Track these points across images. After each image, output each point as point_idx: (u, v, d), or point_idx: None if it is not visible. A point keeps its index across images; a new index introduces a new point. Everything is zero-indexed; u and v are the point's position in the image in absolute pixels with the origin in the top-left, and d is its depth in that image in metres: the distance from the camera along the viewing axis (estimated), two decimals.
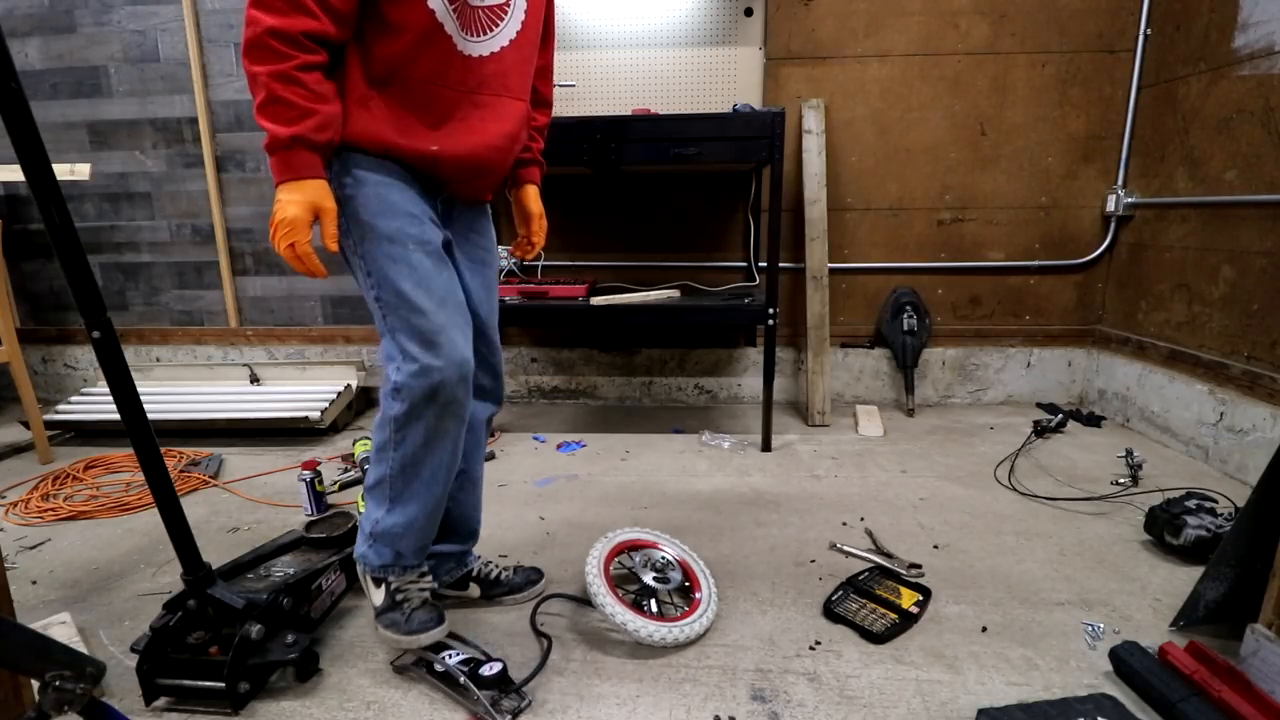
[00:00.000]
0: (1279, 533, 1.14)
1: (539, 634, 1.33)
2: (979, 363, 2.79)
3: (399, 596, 1.24)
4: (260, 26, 0.96)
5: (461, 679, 1.13)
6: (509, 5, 1.16)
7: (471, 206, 1.31)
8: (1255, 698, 1.03)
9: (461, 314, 1.19)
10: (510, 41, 1.17)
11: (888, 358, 2.80)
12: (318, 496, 1.87)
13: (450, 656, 1.20)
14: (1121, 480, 1.99)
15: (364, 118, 1.09)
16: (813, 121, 2.55)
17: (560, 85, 2.32)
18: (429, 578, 1.30)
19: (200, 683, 1.13)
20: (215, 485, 2.11)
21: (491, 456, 2.28)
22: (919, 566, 1.54)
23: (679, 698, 1.16)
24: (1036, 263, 2.67)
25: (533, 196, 1.44)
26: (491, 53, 1.16)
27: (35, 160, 0.89)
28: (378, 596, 1.26)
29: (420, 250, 1.13)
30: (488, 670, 1.14)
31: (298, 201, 1.01)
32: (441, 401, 1.13)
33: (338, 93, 1.07)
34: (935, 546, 1.66)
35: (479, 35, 1.13)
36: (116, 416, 1.02)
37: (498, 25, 1.15)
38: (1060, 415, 2.50)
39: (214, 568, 1.17)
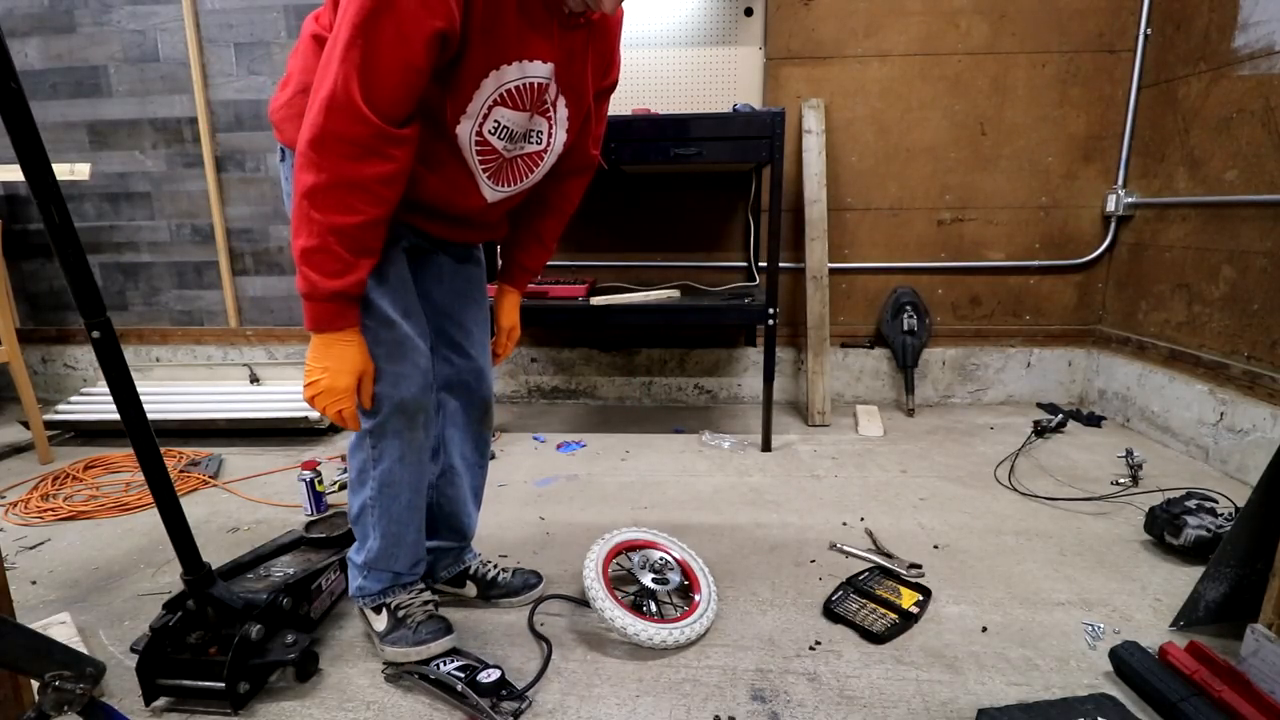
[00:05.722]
0: (1279, 533, 1.14)
1: (538, 636, 1.32)
2: (979, 363, 2.78)
3: (401, 613, 1.24)
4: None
5: (459, 686, 1.12)
6: (546, 151, 1.15)
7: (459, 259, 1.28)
8: (1255, 698, 1.03)
9: (422, 323, 1.17)
10: (530, 187, 1.20)
11: (888, 358, 2.80)
12: (318, 496, 1.87)
13: (444, 664, 1.19)
14: (1121, 480, 1.99)
15: None
16: (813, 121, 2.55)
17: None
18: (427, 593, 1.29)
19: (200, 683, 1.13)
20: (215, 485, 2.11)
21: (492, 456, 2.27)
22: (919, 566, 1.54)
23: (679, 698, 1.16)
24: (1036, 263, 2.67)
25: (509, 308, 1.40)
26: (507, 195, 1.17)
27: (35, 160, 0.88)
28: (379, 622, 1.24)
29: (386, 260, 1.09)
30: (486, 677, 1.14)
31: (346, 372, 1.02)
32: (410, 411, 1.13)
33: None
34: (935, 546, 1.66)
35: (506, 185, 1.15)
36: (116, 416, 1.02)
37: (530, 174, 1.17)
38: (1060, 415, 2.50)
39: (214, 568, 1.17)
